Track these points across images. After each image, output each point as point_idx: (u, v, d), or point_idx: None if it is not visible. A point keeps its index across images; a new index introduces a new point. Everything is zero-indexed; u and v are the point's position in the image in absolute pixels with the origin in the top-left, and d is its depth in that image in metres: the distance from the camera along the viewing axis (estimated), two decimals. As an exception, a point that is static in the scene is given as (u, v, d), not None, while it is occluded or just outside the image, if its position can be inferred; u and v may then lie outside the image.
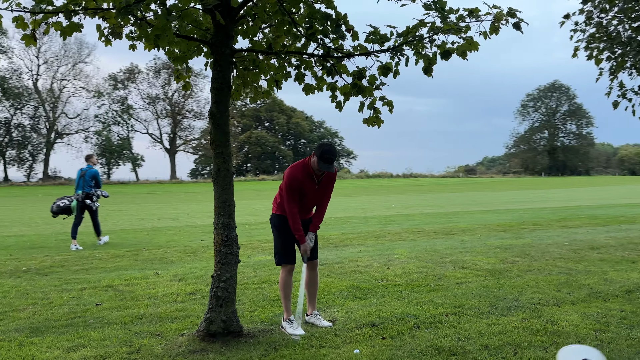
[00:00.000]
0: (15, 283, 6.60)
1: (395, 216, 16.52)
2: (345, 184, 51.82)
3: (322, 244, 9.94)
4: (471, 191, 37.09)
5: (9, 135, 54.42)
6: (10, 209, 22.44)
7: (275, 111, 73.67)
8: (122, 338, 4.29)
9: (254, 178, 59.44)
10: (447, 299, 5.55)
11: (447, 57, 4.89)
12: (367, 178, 68.36)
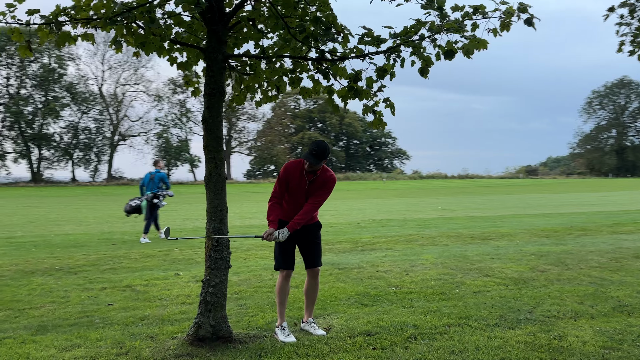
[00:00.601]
0: (44, 281, 6.93)
1: (436, 219, 16.11)
2: (395, 185, 51.20)
3: (351, 247, 9.85)
4: (529, 193, 35.64)
5: (76, 137, 57.61)
6: (70, 207, 23.70)
7: (327, 112, 73.84)
8: (116, 339, 4.40)
9: (305, 179, 59.83)
10: (457, 308, 5.32)
11: (451, 56, 4.71)
12: (420, 179, 67.23)
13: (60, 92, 55.31)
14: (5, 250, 10.01)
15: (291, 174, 4.58)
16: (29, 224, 15.87)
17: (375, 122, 5.02)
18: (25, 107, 53.52)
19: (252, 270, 7.60)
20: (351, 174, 65.81)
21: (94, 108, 57.54)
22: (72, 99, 55.52)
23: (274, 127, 65.33)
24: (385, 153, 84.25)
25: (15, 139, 54.94)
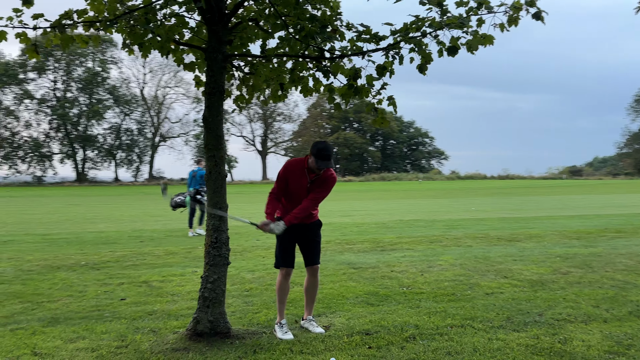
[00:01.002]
0: (66, 276, 7.20)
1: (466, 220, 15.81)
2: (432, 185, 50.52)
3: (371, 247, 9.79)
4: (570, 194, 34.48)
5: (119, 139, 59.50)
6: (109, 206, 24.49)
7: (363, 112, 73.53)
8: (120, 332, 4.54)
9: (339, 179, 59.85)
10: (464, 310, 5.22)
11: (454, 52, 4.64)
12: (458, 179, 66.06)
13: (103, 95, 57.23)
14: (39, 246, 10.44)
15: (292, 172, 4.60)
16: (67, 221, 16.49)
17: (378, 121, 5.01)
18: (70, 110, 55.65)
19: (268, 268, 7.66)
20: (386, 175, 65.33)
21: (136, 110, 59.31)
22: (114, 101, 57.38)
23: (309, 128, 65.58)
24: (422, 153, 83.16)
25: (62, 140, 57.20)
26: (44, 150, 56.60)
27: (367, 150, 74.20)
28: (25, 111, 56.22)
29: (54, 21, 3.96)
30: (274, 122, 61.62)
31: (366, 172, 69.09)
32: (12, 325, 4.78)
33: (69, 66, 55.41)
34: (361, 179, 61.30)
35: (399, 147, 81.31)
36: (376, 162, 75.61)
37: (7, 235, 12.39)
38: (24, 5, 4.04)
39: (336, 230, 12.90)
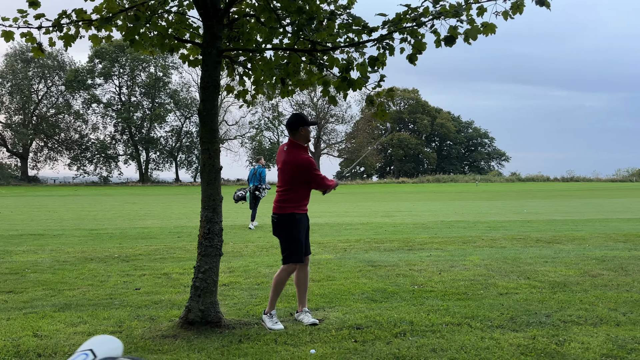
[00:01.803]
0: (95, 267, 7.57)
1: (512, 222, 15.23)
2: (489, 187, 48.97)
3: (398, 247, 9.65)
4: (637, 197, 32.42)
5: (180, 141, 61.73)
6: (163, 205, 25.44)
7: (418, 112, 72.50)
8: (120, 319, 4.73)
9: (392, 180, 59.26)
10: (467, 308, 5.06)
11: (451, 42, 4.53)
12: (519, 181, 63.66)
13: (165, 99, 59.55)
14: (83, 240, 11.03)
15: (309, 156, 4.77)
16: (118, 218, 17.30)
17: (380, 114, 4.94)
18: (134, 113, 58.29)
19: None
20: (442, 176, 63.93)
21: (196, 113, 61.23)
22: (175, 105, 59.58)
23: (362, 129, 65.31)
24: (481, 154, 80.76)
25: (126, 142, 60.03)
26: (110, 151, 59.58)
27: (423, 152, 72.97)
28: (92, 115, 59.47)
29: (53, 20, 4.20)
30: (327, 123, 61.79)
31: (421, 174, 67.93)
32: (27, 309, 5.09)
33: (132, 72, 58.08)
34: (415, 180, 60.35)
35: (456, 148, 79.38)
36: (432, 164, 74.19)
37: (59, 230, 13.16)
38: (31, 6, 4.30)
39: (370, 230, 12.80)
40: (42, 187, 49.86)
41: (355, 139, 65.28)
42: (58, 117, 58.77)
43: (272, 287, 4.70)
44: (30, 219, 16.76)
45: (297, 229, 4.61)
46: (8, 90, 56.54)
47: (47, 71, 57.12)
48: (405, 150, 70.24)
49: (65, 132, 59.54)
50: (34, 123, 57.60)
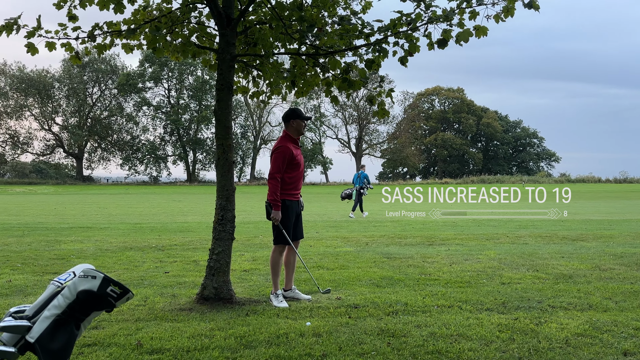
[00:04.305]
0: (133, 254, 8.28)
1: (545, 221, 15.16)
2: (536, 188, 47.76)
3: (419, 242, 9.94)
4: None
5: (224, 142, 63.51)
6: (205, 203, 26.48)
7: (463, 112, 71.41)
8: (146, 295, 5.32)
9: (435, 181, 58.69)
10: (464, 294, 5.37)
11: (443, 45, 4.89)
12: (568, 183, 61.73)
13: (211, 102, 61.33)
14: (126, 232, 11.87)
15: (292, 150, 5.16)
16: (162, 214, 18.28)
17: (380, 113, 5.33)
18: (182, 115, 60.40)
19: (313, 255, 8.16)
20: (487, 177, 62.78)
21: (240, 115, 62.81)
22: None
23: (405, 129, 65.06)
24: (529, 154, 78.69)
25: (175, 143, 62.25)
26: (159, 152, 61.96)
27: (468, 152, 71.88)
28: (143, 117, 62.08)
29: (87, 32, 4.83)
30: (369, 123, 61.95)
31: (466, 175, 66.89)
32: (69, 286, 5.77)
33: (181, 75, 60.19)
34: (459, 181, 59.54)
35: (503, 149, 77.69)
36: (477, 164, 72.94)
37: (107, 224, 14.14)
38: (70, 20, 4.96)
39: (398, 226, 13.10)
40: (96, 186, 52.48)
41: (397, 139, 65.09)
42: (111, 120, 61.60)
43: (270, 269, 5.20)
44: (81, 214, 17.97)
45: (286, 215, 5.08)
46: (65, 94, 59.84)
47: (101, 75, 60.02)
48: (450, 151, 69.38)
49: (118, 134, 62.31)
50: (88, 125, 60.60)
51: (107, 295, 1.62)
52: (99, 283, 1.61)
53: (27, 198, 30.98)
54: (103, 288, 1.61)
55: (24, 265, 7.12)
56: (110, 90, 61.62)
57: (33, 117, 59.51)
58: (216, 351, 3.64)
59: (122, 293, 1.67)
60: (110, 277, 1.63)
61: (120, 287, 1.66)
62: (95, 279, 1.61)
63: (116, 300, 1.66)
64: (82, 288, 1.61)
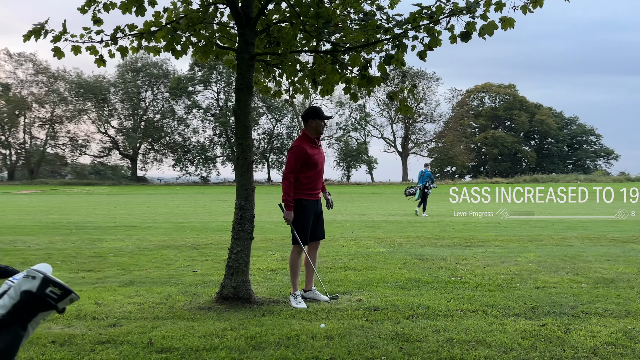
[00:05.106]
0: (167, 253, 8.44)
1: (595, 222, 14.40)
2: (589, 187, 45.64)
3: (457, 243, 9.64)
4: None
5: (271, 143, 64.25)
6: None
7: (515, 109, 69.09)
8: (169, 293, 5.38)
9: (485, 180, 57.09)
10: (492, 298, 5.13)
11: (467, 38, 4.70)
12: (628, 182, 58.61)
13: (258, 103, 62.23)
14: (167, 231, 12.16)
15: (309, 151, 5.10)
16: (205, 213, 18.64)
17: (403, 109, 5.19)
18: (231, 117, 61.52)
19: (344, 255, 8.07)
20: (540, 176, 60.50)
21: (286, 116, 63.41)
22: (267, 108, 62.08)
23: (453, 128, 63.67)
24: (586, 152, 75.26)
25: (223, 144, 63.56)
26: (209, 153, 63.41)
27: (520, 150, 69.53)
28: (193, 119, 63.69)
29: (110, 35, 4.94)
30: (415, 122, 61.05)
31: (519, 174, 64.70)
32: (98, 284, 5.93)
33: (229, 78, 61.32)
34: (510, 180, 57.69)
35: (558, 147, 74.69)
36: (530, 163, 70.42)
37: (151, 222, 14.55)
38: (95, 24, 5.08)
39: (437, 227, 12.79)
40: (149, 187, 54.27)
41: (445, 138, 63.82)
42: (163, 122, 63.57)
43: (289, 269, 5.14)
44: (129, 213, 18.59)
45: (303, 214, 5.00)
46: (120, 98, 62.25)
47: (153, 80, 62.05)
48: (501, 149, 67.29)
49: (170, 136, 64.23)
50: (142, 128, 62.81)
51: (46, 296, 1.61)
52: (38, 284, 1.60)
53: (82, 198, 32.41)
54: (42, 289, 1.59)
55: (62, 263, 7.39)
56: (162, 94, 63.61)
57: (90, 121, 62.27)
58: (224, 352, 3.62)
59: (63, 294, 1.64)
60: (52, 277, 1.62)
61: (61, 288, 1.64)
62: (34, 279, 1.60)
63: (57, 302, 1.64)
64: (23, 288, 1.61)
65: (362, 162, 60.66)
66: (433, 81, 60.55)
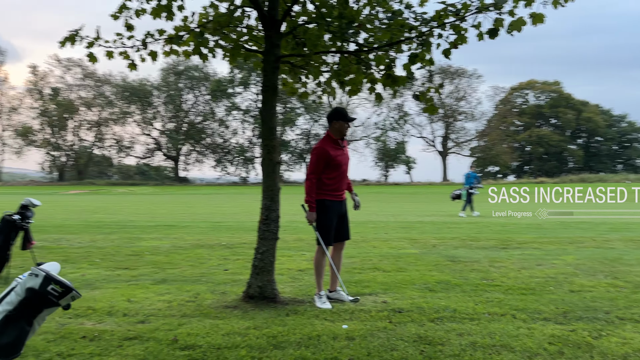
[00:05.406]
0: (201, 251, 8.61)
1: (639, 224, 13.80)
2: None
3: (493, 245, 9.43)
4: None
5: (309, 143, 64.52)
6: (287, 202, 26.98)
7: (561, 106, 66.90)
8: (198, 292, 5.49)
9: (530, 180, 55.53)
10: (522, 302, 5.00)
11: (494, 34, 4.61)
12: (683, 182, 55.77)
13: (295, 104, 62.65)
14: (204, 230, 12.40)
15: (331, 152, 5.09)
16: (242, 213, 18.92)
17: (430, 109, 5.13)
18: (269, 118, 62.30)
19: (374, 256, 8.03)
20: (587, 176, 58.35)
21: (323, 116, 63.53)
22: (305, 109, 62.39)
23: (496, 126, 62.21)
24: (637, 151, 72.16)
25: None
26: (248, 154, 64.31)
27: (567, 149, 67.30)
28: (233, 121, 64.72)
29: (140, 40, 5.08)
30: (455, 121, 59.99)
31: (566, 173, 62.60)
32: (132, 282, 6.11)
33: (268, 79, 62.11)
34: (556, 180, 55.90)
35: (607, 145, 71.89)
36: (577, 162, 68.01)
37: (189, 222, 14.88)
38: (128, 30, 5.24)
39: (474, 228, 12.54)
40: (190, 187, 55.54)
41: (487, 137, 62.46)
42: (204, 124, 64.89)
43: (314, 269, 5.16)
44: (169, 212, 19.06)
45: (325, 215, 5.00)
46: (163, 101, 63.91)
47: (194, 82, 63.42)
48: (546, 148, 65.27)
49: (211, 137, 65.48)
50: (184, 129, 64.29)
51: (47, 294, 1.67)
52: (40, 281, 1.67)
53: (126, 198, 33.47)
54: (44, 286, 1.66)
55: (101, 261, 7.66)
56: (203, 96, 64.93)
57: (135, 123, 64.23)
58: (245, 350, 3.67)
59: (64, 292, 1.71)
60: (54, 275, 1.69)
61: (62, 285, 1.70)
62: (37, 277, 1.67)
63: (58, 299, 1.71)
64: (28, 286, 1.68)
65: (400, 162, 60.11)
66: (474, 79, 59.40)
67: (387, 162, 60.06)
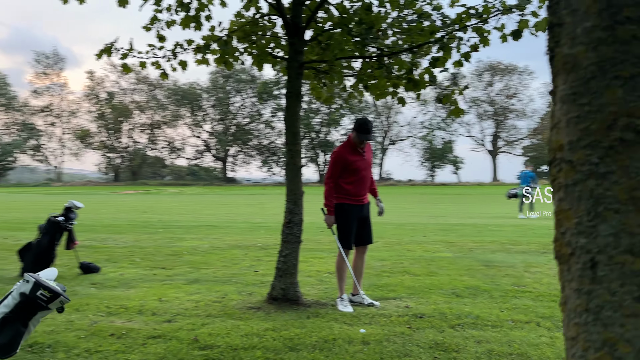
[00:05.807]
0: (237, 252, 8.82)
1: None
2: None
3: (534, 249, 9.18)
4: None
5: (355, 143, 64.64)
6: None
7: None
8: (226, 292, 5.65)
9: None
10: (548, 309, 4.86)
11: (518, 36, 4.54)
12: None
13: (340, 104, 62.85)
14: (243, 231, 12.66)
15: (349, 156, 5.14)
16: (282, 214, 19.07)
17: (455, 111, 5.09)
18: (313, 119, 62.68)
19: (405, 259, 7.99)
20: None
21: (368, 116, 63.33)
22: (349, 109, 62.41)
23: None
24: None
25: (306, 146, 64.84)
26: (294, 155, 65.10)
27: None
28: (279, 122, 65.59)
29: (170, 51, 5.29)
30: (506, 119, 58.40)
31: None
32: (167, 281, 6.35)
33: (312, 81, 62.58)
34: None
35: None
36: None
37: (231, 222, 15.23)
38: (160, 41, 5.47)
39: (518, 231, 12.21)
40: (237, 187, 56.68)
41: (541, 135, 60.44)
42: (251, 125, 66.11)
43: (336, 273, 5.20)
44: (213, 213, 19.56)
45: (344, 218, 5.03)
46: (212, 104, 65.58)
47: (242, 85, 64.70)
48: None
49: (257, 138, 66.64)
50: (231, 131, 65.71)
51: (37, 298, 1.81)
52: (31, 287, 1.80)
53: (175, 198, 34.55)
54: (34, 291, 1.80)
55: (141, 260, 7.98)
56: (250, 99, 66.18)
57: (186, 125, 66.24)
58: (260, 351, 3.76)
59: (52, 297, 1.84)
60: (43, 281, 1.82)
61: (50, 291, 1.83)
62: (28, 282, 1.81)
63: (47, 303, 1.84)
64: (21, 291, 1.82)
65: (447, 161, 59.12)
66: (525, 75, 57.71)
67: (434, 162, 59.23)
